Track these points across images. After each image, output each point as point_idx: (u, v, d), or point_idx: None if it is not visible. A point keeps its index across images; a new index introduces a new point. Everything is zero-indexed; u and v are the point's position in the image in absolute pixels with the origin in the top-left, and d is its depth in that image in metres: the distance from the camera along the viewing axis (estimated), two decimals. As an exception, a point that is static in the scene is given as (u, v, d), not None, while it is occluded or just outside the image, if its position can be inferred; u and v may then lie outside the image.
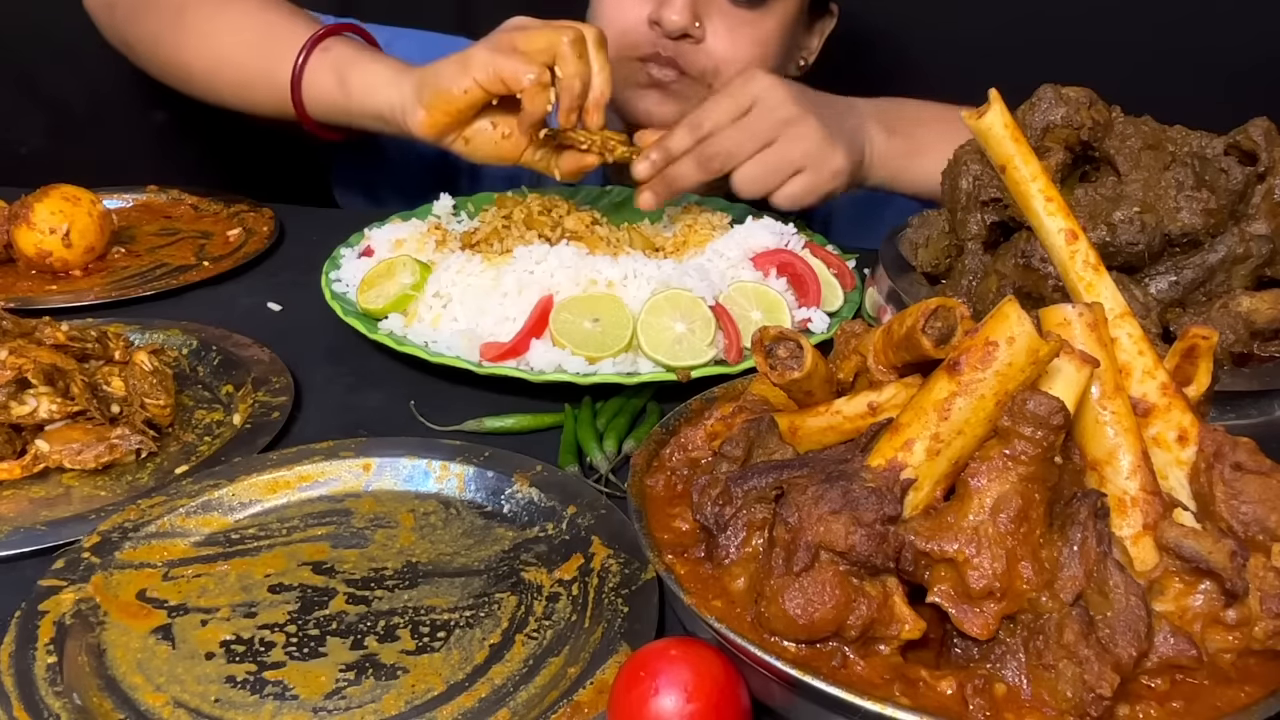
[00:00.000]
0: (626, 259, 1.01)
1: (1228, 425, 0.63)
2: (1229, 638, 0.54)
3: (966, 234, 0.96)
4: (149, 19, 1.30)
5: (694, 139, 1.07)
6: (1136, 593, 0.51)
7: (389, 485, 0.80)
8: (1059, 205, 0.64)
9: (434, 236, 1.10)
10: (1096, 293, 0.63)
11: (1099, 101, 0.93)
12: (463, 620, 0.67)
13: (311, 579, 0.70)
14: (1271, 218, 0.87)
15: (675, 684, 0.54)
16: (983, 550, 0.52)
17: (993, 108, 0.65)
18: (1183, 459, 0.60)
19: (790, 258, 1.06)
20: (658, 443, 0.71)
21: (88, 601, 0.67)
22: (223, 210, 1.40)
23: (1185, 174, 0.87)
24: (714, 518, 0.59)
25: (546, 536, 0.75)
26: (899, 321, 0.62)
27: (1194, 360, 0.64)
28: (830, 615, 0.53)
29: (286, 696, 0.61)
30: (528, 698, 0.61)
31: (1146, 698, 0.52)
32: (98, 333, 0.91)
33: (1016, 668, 0.53)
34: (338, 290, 1.05)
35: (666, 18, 1.19)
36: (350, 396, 0.96)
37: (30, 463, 0.82)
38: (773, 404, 0.70)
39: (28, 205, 1.18)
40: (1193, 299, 0.89)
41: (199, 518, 0.75)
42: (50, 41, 1.63)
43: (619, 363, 0.92)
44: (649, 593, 0.67)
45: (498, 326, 0.95)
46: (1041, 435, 0.52)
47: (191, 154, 1.73)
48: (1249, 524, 0.56)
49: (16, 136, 1.70)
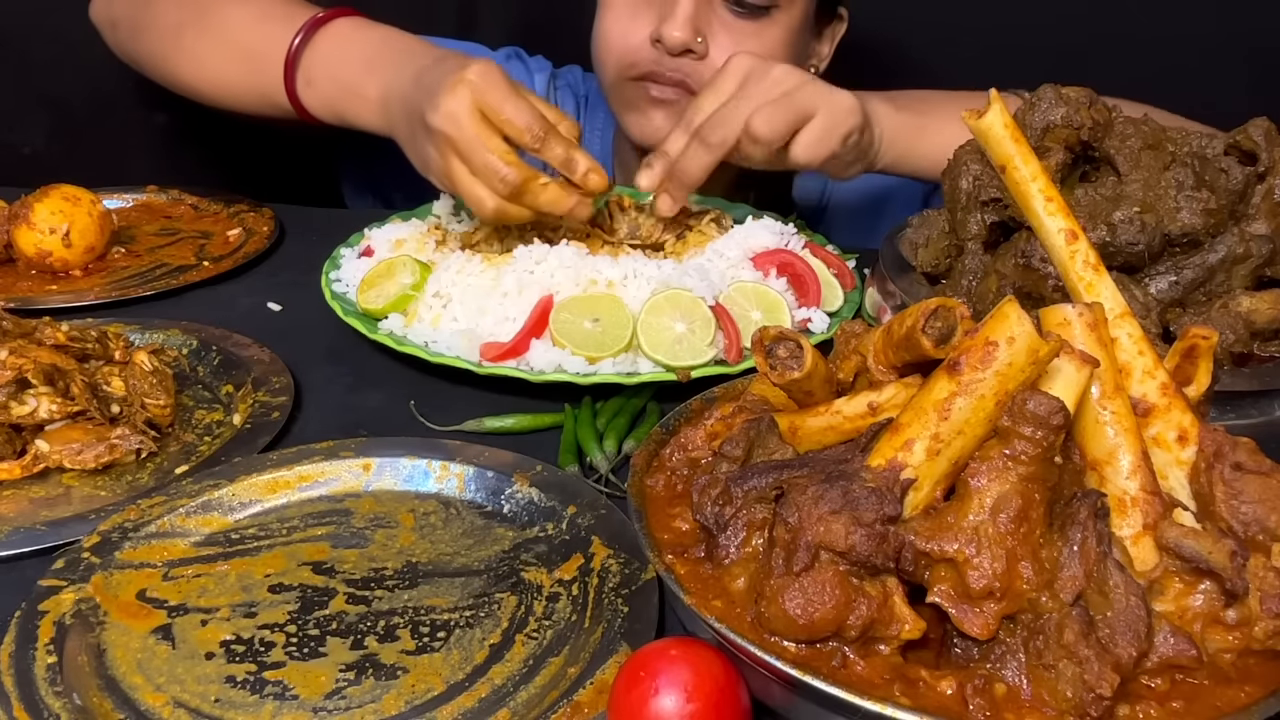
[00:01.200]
0: (626, 259, 1.01)
1: (1228, 425, 0.63)
2: (1229, 638, 0.54)
3: (966, 234, 0.96)
4: (149, 38, 1.30)
5: (689, 134, 1.04)
6: (1136, 593, 0.51)
7: (389, 485, 0.80)
8: (1059, 205, 0.64)
9: (434, 236, 1.11)
10: (1096, 293, 0.63)
11: (1099, 101, 0.93)
12: (463, 620, 0.67)
13: (311, 579, 0.70)
14: (1271, 218, 0.87)
15: (675, 684, 0.54)
16: (983, 550, 0.52)
17: (993, 108, 0.65)
18: (1183, 459, 0.59)
19: (790, 258, 1.06)
20: (658, 443, 0.71)
21: (88, 601, 0.67)
22: (223, 210, 1.40)
23: (1185, 174, 0.87)
24: (714, 518, 0.59)
25: (546, 536, 0.75)
26: (899, 321, 0.62)
27: (1194, 360, 0.64)
28: (830, 615, 0.53)
29: (286, 696, 0.61)
30: (528, 698, 0.61)
31: (1146, 698, 0.52)
32: (98, 333, 0.91)
33: (1016, 668, 0.53)
34: (338, 290, 1.05)
35: (668, 35, 1.18)
36: (350, 396, 0.96)
37: (30, 463, 0.82)
38: (773, 404, 0.70)
39: (28, 205, 1.18)
40: (1193, 299, 0.89)
41: (199, 518, 0.75)
42: (51, 42, 1.63)
43: (619, 363, 0.92)
44: (649, 593, 0.67)
45: (498, 326, 0.95)
46: (1041, 435, 0.52)
47: (191, 154, 1.73)
48: (1249, 524, 0.56)
49: (18, 137, 1.70)
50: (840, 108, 1.06)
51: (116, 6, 1.34)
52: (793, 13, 1.24)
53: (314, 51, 1.16)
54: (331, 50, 1.16)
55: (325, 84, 1.16)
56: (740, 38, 1.21)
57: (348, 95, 1.14)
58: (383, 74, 1.11)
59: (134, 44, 1.33)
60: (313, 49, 1.16)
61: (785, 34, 1.25)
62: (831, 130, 1.05)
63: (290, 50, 1.15)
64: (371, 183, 1.53)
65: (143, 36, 1.31)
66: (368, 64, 1.13)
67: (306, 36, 1.16)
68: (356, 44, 1.16)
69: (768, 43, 1.23)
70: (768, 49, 1.22)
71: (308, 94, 1.17)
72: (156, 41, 1.29)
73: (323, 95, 1.16)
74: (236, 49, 1.22)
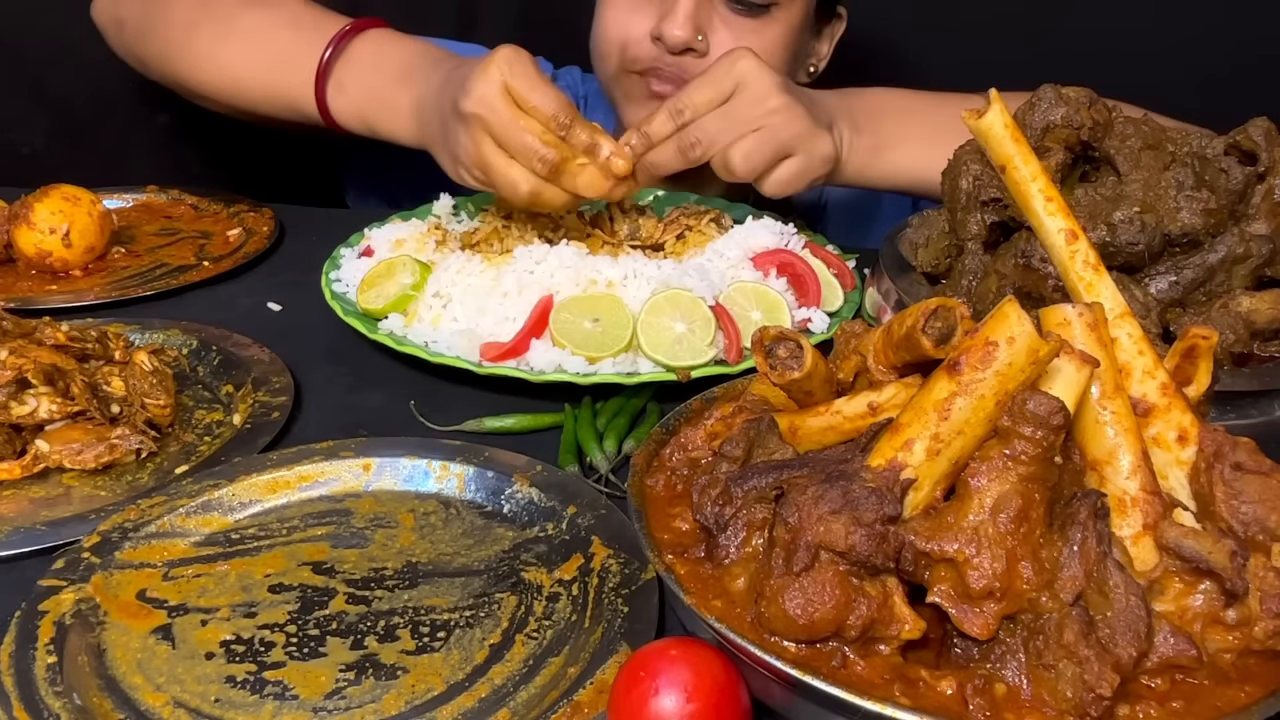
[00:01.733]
0: (626, 259, 1.01)
1: (1228, 425, 0.63)
2: (1229, 638, 0.54)
3: (966, 234, 0.96)
4: (158, 38, 1.29)
5: (675, 124, 1.04)
6: (1136, 593, 0.51)
7: (389, 485, 0.80)
8: (1059, 205, 0.64)
9: (434, 236, 1.10)
10: (1096, 293, 0.63)
11: (1099, 101, 0.93)
12: (463, 620, 0.67)
13: (311, 579, 0.70)
14: (1271, 218, 0.87)
15: (675, 684, 0.54)
16: (983, 550, 0.52)
17: (993, 108, 0.65)
18: (1183, 459, 0.59)
19: (790, 258, 1.06)
20: (658, 443, 0.71)
21: (88, 601, 0.67)
22: (223, 210, 1.40)
23: (1185, 174, 0.87)
24: (714, 518, 0.59)
25: (546, 536, 0.75)
26: (899, 321, 0.62)
27: (1194, 360, 0.64)
28: (830, 615, 0.53)
29: (286, 696, 0.61)
30: (528, 698, 0.61)
31: (1146, 698, 0.52)
32: (98, 333, 0.91)
33: (1016, 668, 0.53)
34: (338, 290, 1.05)
35: (669, 32, 1.18)
36: (350, 396, 0.96)
37: (30, 463, 0.82)
38: (773, 404, 0.70)
39: (28, 205, 1.18)
40: (1193, 299, 0.89)
41: (199, 518, 0.75)
42: (51, 42, 1.63)
43: (619, 363, 0.92)
44: (649, 593, 0.67)
45: (498, 326, 0.95)
46: (1041, 435, 0.52)
47: (191, 154, 1.73)
48: (1249, 524, 0.56)
49: (18, 137, 1.70)
50: (818, 155, 1.08)
51: (124, 6, 1.33)
52: (792, 11, 1.24)
53: (348, 60, 1.16)
54: (365, 59, 1.16)
55: (357, 93, 1.16)
56: (740, 35, 1.21)
57: (380, 106, 1.14)
58: (415, 85, 1.11)
59: (142, 44, 1.32)
60: (346, 58, 1.16)
61: (785, 33, 1.25)
62: (804, 174, 1.09)
63: (324, 58, 1.15)
64: (377, 188, 1.53)
65: (152, 37, 1.30)
66: (401, 75, 1.13)
67: (340, 44, 1.16)
68: (390, 55, 1.16)
69: (767, 41, 1.23)
70: (767, 47, 1.22)
71: (338, 101, 1.16)
72: (167, 42, 1.28)
73: (354, 103, 1.16)
74: (263, 53, 1.22)
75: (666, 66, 1.22)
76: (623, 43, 1.24)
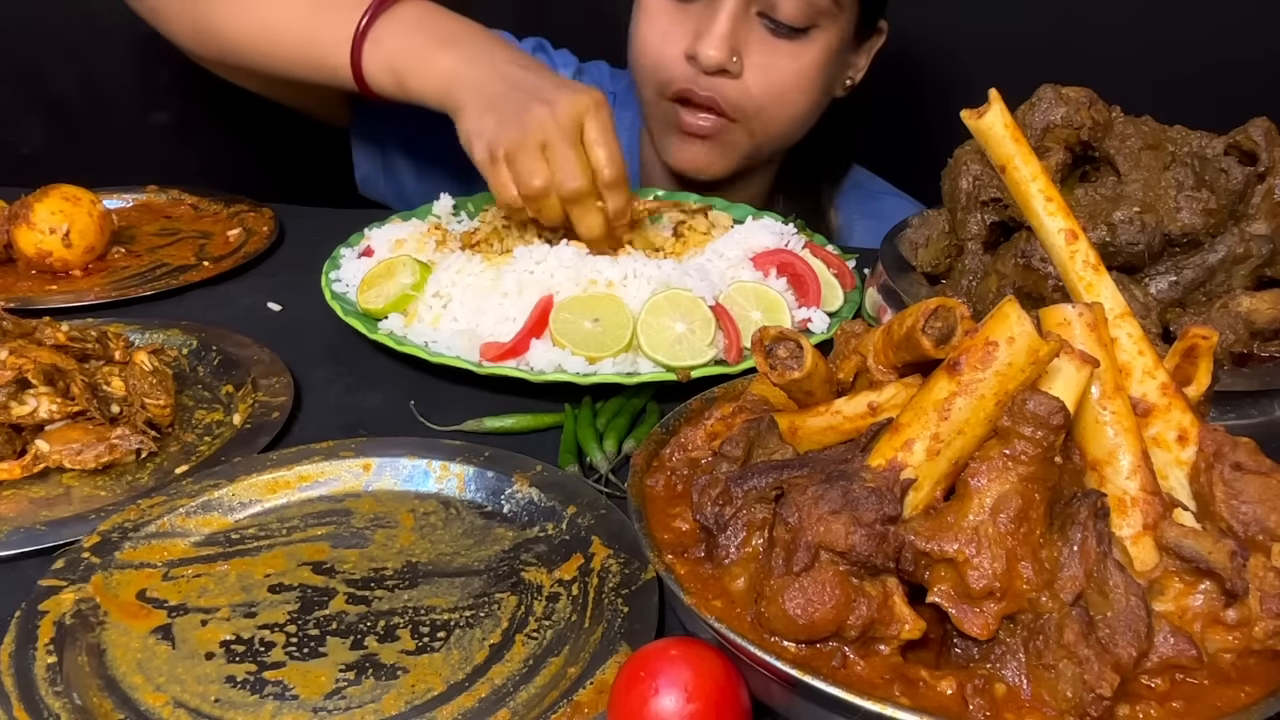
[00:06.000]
0: (626, 259, 1.01)
1: (1228, 425, 0.63)
2: (1229, 638, 0.54)
3: (966, 234, 0.97)
4: None
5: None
6: (1136, 593, 0.51)
7: (389, 485, 0.80)
8: (1059, 205, 0.64)
9: (434, 236, 1.11)
10: (1096, 293, 0.63)
11: (1099, 101, 0.93)
12: (463, 620, 0.67)
13: (311, 579, 0.70)
14: (1271, 218, 0.87)
15: (675, 684, 0.54)
16: (983, 550, 0.52)
17: (993, 108, 0.65)
18: (1183, 459, 0.60)
19: (790, 258, 1.06)
20: (658, 443, 0.71)
21: (88, 601, 0.67)
22: (223, 210, 1.40)
23: (1185, 174, 0.87)
24: (714, 518, 0.59)
25: (546, 536, 0.75)
26: (899, 321, 0.62)
27: (1194, 360, 0.64)
28: (830, 615, 0.53)
29: (286, 696, 0.61)
30: (528, 698, 0.61)
31: (1146, 698, 0.52)
32: (98, 333, 0.91)
33: (1016, 668, 0.53)
34: (338, 290, 1.05)
35: (703, 53, 1.18)
36: (350, 396, 0.96)
37: (30, 463, 0.82)
38: (773, 404, 0.70)
39: (28, 205, 1.18)
40: (1193, 299, 0.89)
41: (199, 518, 0.75)
42: (51, 41, 1.63)
43: (619, 363, 0.92)
44: (649, 593, 0.67)
45: (498, 326, 0.95)
46: (1041, 435, 0.52)
47: (191, 154, 1.73)
48: (1249, 524, 0.56)
49: (18, 137, 1.70)
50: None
51: None
52: (831, 33, 1.23)
53: (391, 17, 1.15)
54: (411, 20, 1.15)
55: (394, 47, 1.14)
56: (776, 58, 1.21)
57: (417, 61, 1.13)
58: (460, 51, 1.11)
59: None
60: (391, 15, 1.15)
61: (823, 54, 1.23)
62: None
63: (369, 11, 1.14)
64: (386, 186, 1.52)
65: None
66: (445, 40, 1.13)
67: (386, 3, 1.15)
68: (438, 22, 1.16)
69: (804, 65, 1.22)
70: (803, 70, 1.22)
71: (373, 54, 1.14)
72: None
73: (388, 56, 1.14)
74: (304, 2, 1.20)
75: (700, 88, 1.22)
76: (659, 58, 1.24)
